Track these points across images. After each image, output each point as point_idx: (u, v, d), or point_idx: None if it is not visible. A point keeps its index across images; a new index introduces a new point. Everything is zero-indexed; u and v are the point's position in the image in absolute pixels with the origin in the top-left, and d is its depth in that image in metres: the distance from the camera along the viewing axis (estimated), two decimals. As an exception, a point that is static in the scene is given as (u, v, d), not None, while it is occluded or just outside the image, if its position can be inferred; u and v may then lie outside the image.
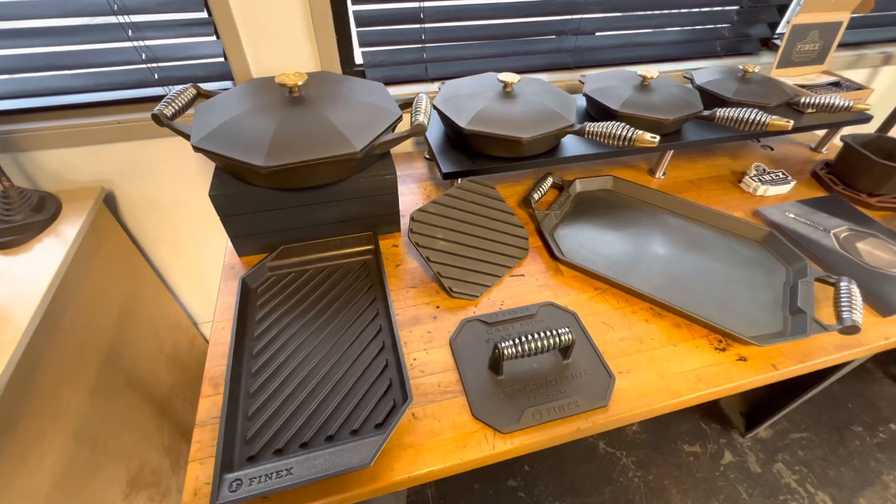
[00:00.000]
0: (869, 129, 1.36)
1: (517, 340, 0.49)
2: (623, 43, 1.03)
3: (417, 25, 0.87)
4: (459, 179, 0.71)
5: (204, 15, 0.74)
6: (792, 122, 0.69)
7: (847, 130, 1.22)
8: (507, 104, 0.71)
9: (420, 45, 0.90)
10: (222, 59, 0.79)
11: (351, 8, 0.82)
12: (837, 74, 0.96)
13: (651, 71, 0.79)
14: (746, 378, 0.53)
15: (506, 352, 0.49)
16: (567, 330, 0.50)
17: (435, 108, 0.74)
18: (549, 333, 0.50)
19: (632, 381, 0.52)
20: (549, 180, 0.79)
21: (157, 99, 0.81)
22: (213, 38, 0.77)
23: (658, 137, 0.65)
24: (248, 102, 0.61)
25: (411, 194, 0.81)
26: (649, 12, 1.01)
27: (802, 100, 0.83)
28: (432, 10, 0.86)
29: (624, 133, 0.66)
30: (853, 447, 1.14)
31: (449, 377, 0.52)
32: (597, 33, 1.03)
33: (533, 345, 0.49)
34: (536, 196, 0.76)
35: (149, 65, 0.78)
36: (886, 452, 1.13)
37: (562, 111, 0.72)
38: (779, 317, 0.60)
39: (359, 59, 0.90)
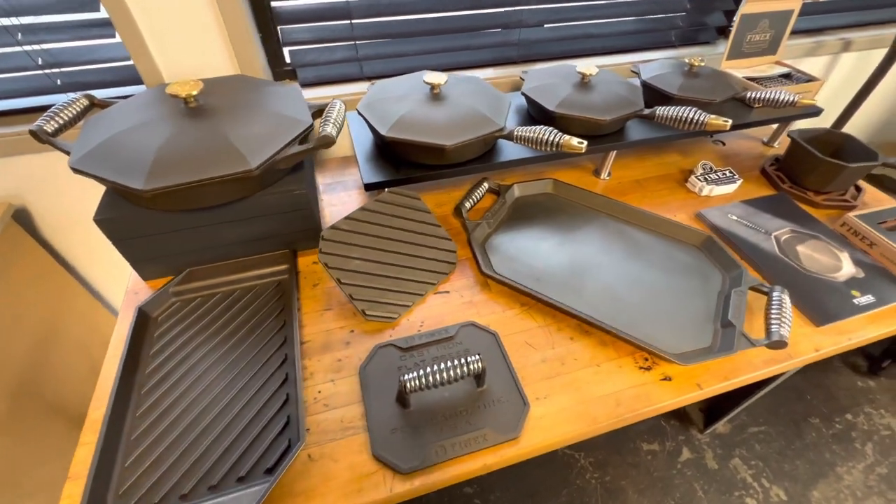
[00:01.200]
0: (826, 121, 1.34)
1: (420, 373, 0.46)
2: (572, 35, 0.99)
3: (346, 21, 0.81)
4: (387, 189, 0.67)
5: (101, 14, 0.68)
6: (730, 121, 0.66)
7: (803, 124, 1.20)
8: (434, 107, 0.67)
9: (351, 42, 0.85)
10: (129, 62, 0.73)
11: (273, 4, 0.76)
12: (789, 65, 0.93)
13: (591, 68, 0.75)
14: (668, 400, 0.51)
15: (408, 385, 0.46)
16: (477, 358, 0.47)
17: (359, 112, 0.70)
18: (457, 363, 0.46)
19: (548, 407, 0.50)
20: (485, 186, 0.75)
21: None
22: (115, 39, 0.71)
23: (585, 143, 0.61)
24: (141, 114, 0.56)
25: (350, 202, 0.77)
26: (599, 2, 0.97)
27: (749, 94, 0.80)
28: (361, 5, 0.80)
29: (551, 138, 0.62)
30: (809, 439, 1.15)
31: (353, 411, 0.49)
32: (545, 25, 0.99)
33: (438, 376, 0.46)
34: (468, 204, 0.72)
35: (48, 70, 0.72)
36: (842, 443, 1.14)
37: (491, 114, 0.67)
38: (710, 330, 0.58)
39: (289, 59, 0.85)
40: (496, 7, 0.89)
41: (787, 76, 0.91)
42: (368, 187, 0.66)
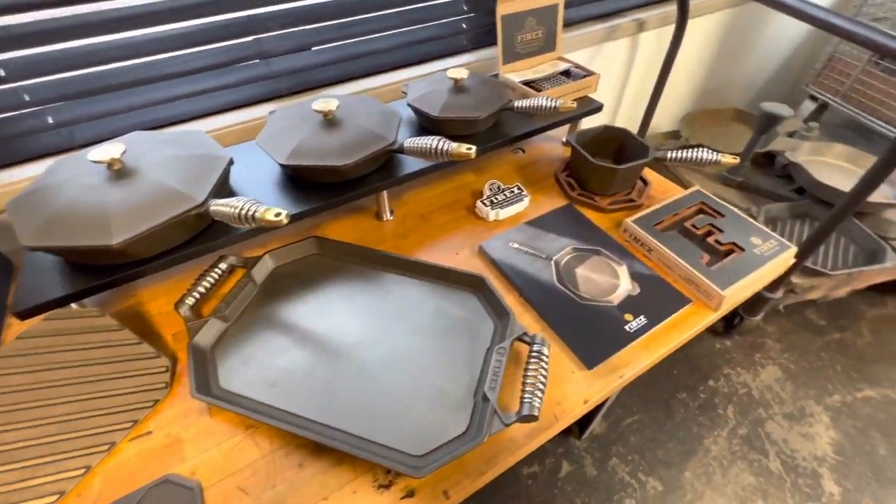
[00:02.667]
0: (636, 108, 1.37)
1: None
2: (351, 54, 0.88)
3: (6, 86, 0.63)
4: (44, 317, 0.51)
5: None
6: (473, 149, 0.57)
7: (601, 119, 1.20)
8: (111, 188, 0.51)
9: (36, 109, 0.66)
10: None
11: None
12: (570, 60, 0.89)
13: (329, 102, 0.63)
14: (403, 530, 0.41)
15: None
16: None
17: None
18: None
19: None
20: (223, 266, 0.61)
21: None
22: None
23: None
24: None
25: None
26: (369, 14, 0.86)
27: (516, 104, 0.73)
28: (21, 64, 0.62)
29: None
30: (678, 417, 1.16)
31: None
32: (313, 48, 0.86)
33: None
34: (194, 298, 0.58)
35: None
36: (707, 413, 1.17)
37: (187, 187, 0.54)
38: (467, 410, 0.49)
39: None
40: (227, 39, 0.75)
41: (566, 73, 0.87)
42: (24, 315, 0.50)
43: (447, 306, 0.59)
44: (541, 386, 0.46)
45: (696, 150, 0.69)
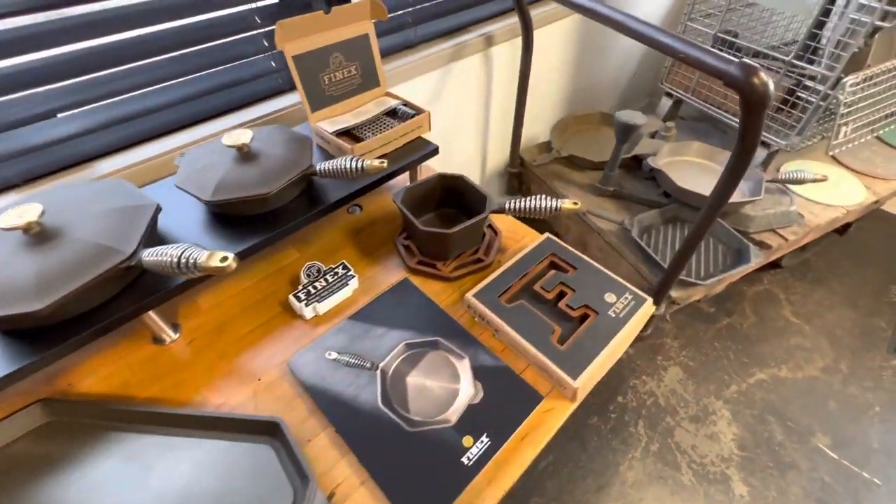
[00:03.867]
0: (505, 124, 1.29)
1: None
2: (119, 116, 0.68)
3: None
4: None
5: None
6: (230, 259, 0.42)
7: (473, 143, 1.12)
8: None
9: None
10: None
11: None
12: (397, 97, 0.76)
13: (30, 210, 0.44)
14: None
15: None
16: None
17: None
18: None
19: None
20: None
21: None
22: None
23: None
24: None
25: None
26: (136, 64, 0.67)
27: (318, 168, 0.59)
28: None
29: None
30: (592, 447, 1.11)
31: None
32: (59, 115, 0.65)
33: None
34: None
35: None
36: (619, 435, 1.13)
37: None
38: None
39: None
40: None
41: (393, 113, 0.74)
42: None
43: (233, 471, 0.43)
44: None
45: (536, 198, 0.59)
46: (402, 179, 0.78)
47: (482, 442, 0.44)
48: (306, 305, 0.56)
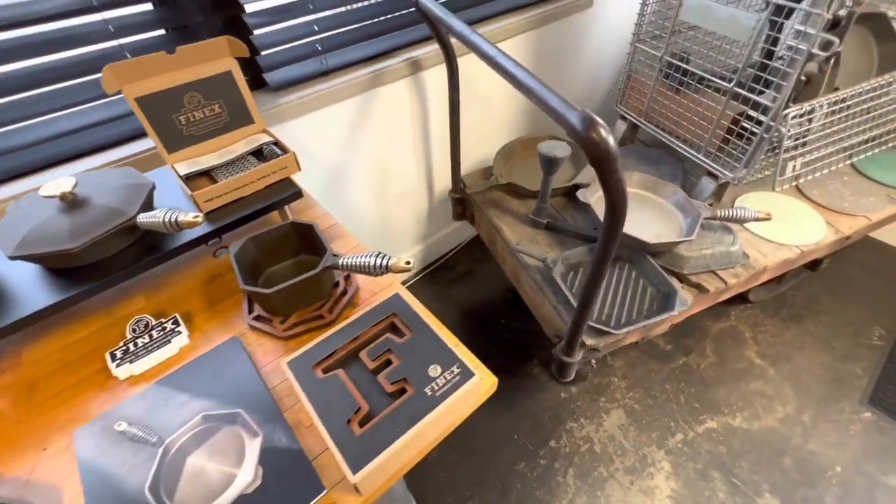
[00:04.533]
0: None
1: None
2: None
3: None
4: None
5: None
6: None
7: (423, 172, 1.05)
8: None
9: None
10: None
11: None
12: (272, 134, 0.73)
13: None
14: None
15: None
16: None
17: None
18: None
19: None
20: None
21: None
22: None
23: None
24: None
25: None
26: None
27: (139, 220, 0.56)
28: None
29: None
30: (514, 496, 1.04)
31: None
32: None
33: None
34: None
35: None
36: (545, 484, 1.05)
37: None
38: None
39: None
40: None
41: (258, 153, 0.71)
42: None
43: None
44: None
45: (370, 255, 0.54)
46: (275, 218, 0.74)
47: (235, 544, 0.40)
48: (118, 366, 0.53)
